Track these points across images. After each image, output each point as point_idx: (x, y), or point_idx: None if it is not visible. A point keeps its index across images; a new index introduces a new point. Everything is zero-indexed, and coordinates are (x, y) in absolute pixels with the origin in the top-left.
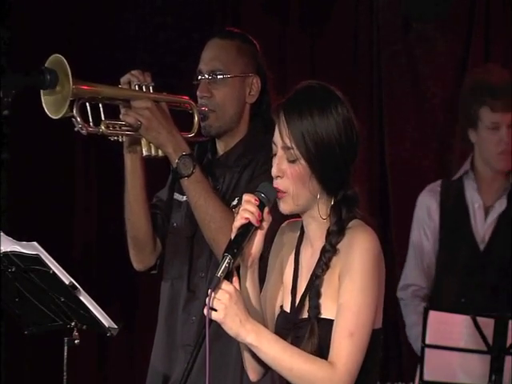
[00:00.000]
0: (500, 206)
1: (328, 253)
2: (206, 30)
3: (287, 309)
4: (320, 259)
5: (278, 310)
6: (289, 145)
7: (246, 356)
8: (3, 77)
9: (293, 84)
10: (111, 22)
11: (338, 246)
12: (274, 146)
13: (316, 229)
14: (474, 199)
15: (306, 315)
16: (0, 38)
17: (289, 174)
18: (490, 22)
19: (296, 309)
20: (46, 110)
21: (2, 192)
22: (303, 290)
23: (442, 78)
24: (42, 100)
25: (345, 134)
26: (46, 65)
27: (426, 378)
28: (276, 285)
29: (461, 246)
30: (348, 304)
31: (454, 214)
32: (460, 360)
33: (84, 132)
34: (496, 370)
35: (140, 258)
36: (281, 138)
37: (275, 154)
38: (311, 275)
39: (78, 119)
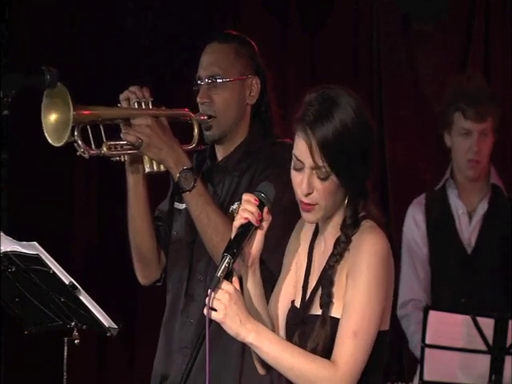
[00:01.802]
0: (482, 209)
1: (343, 243)
2: (206, 30)
3: (297, 304)
4: (334, 249)
5: (289, 305)
6: (321, 164)
7: (253, 352)
8: (3, 77)
9: (293, 84)
10: (110, 22)
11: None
12: (295, 159)
13: (331, 226)
14: (457, 206)
15: (313, 311)
16: (0, 38)
17: (320, 191)
18: (489, 22)
19: (305, 304)
20: (48, 139)
21: (1, 192)
22: (313, 286)
23: (441, 78)
24: (44, 129)
25: (365, 142)
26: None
27: (426, 378)
28: (289, 280)
29: (449, 252)
30: (353, 304)
31: (440, 222)
32: (460, 360)
33: (86, 156)
34: (496, 369)
35: (145, 273)
36: (312, 159)
37: (298, 169)
38: (323, 268)
39: (80, 143)
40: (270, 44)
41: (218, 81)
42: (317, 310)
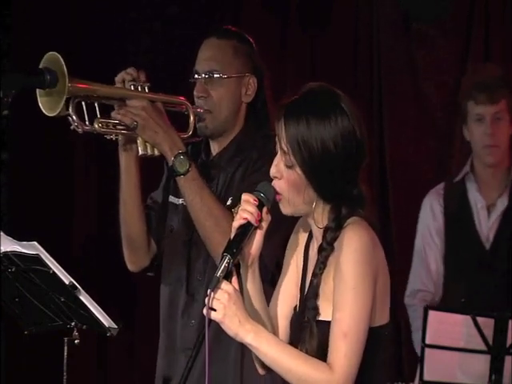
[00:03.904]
0: (502, 203)
1: (325, 251)
2: (206, 30)
3: (298, 308)
4: (318, 257)
5: (291, 308)
6: (285, 150)
7: (253, 352)
8: (3, 77)
9: (293, 84)
10: (110, 22)
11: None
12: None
13: (317, 230)
14: (476, 200)
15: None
16: (0, 38)
17: (285, 179)
18: (490, 22)
19: (301, 309)
20: (42, 108)
21: (1, 192)
22: (306, 290)
23: (441, 78)
24: (38, 98)
25: (342, 146)
26: (42, 62)
27: (426, 378)
28: (290, 281)
29: (467, 247)
30: (340, 305)
31: (458, 215)
32: (460, 360)
33: (80, 130)
34: (496, 369)
35: (133, 259)
36: (279, 142)
37: (276, 152)
38: (311, 275)
39: (74, 117)
40: (270, 44)
41: (216, 76)
42: None
